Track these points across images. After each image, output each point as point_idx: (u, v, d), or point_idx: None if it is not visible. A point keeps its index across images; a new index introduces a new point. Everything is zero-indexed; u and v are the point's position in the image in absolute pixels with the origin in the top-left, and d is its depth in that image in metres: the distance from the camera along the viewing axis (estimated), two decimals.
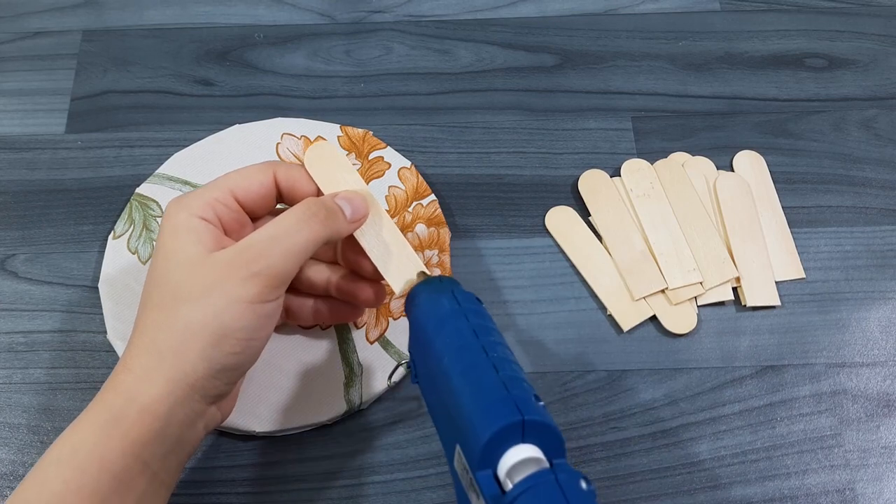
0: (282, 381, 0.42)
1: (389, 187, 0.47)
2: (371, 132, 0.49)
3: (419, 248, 0.45)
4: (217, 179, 0.37)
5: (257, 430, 0.41)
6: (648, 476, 0.42)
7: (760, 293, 0.46)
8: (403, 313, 0.43)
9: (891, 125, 0.52)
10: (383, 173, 0.47)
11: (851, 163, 0.50)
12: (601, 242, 0.47)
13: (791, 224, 0.48)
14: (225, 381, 0.34)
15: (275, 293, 0.34)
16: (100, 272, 0.45)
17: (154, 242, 0.45)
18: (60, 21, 0.55)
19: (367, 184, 0.47)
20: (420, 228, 0.45)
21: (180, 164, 0.47)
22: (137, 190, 0.47)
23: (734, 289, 0.46)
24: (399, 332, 0.43)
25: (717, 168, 0.49)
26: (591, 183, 0.49)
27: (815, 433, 0.43)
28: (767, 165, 0.50)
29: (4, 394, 0.43)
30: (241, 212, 0.37)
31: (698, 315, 0.45)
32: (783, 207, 0.48)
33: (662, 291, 0.45)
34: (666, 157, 0.50)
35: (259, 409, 0.41)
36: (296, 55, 0.54)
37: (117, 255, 0.45)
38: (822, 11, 0.56)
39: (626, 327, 0.45)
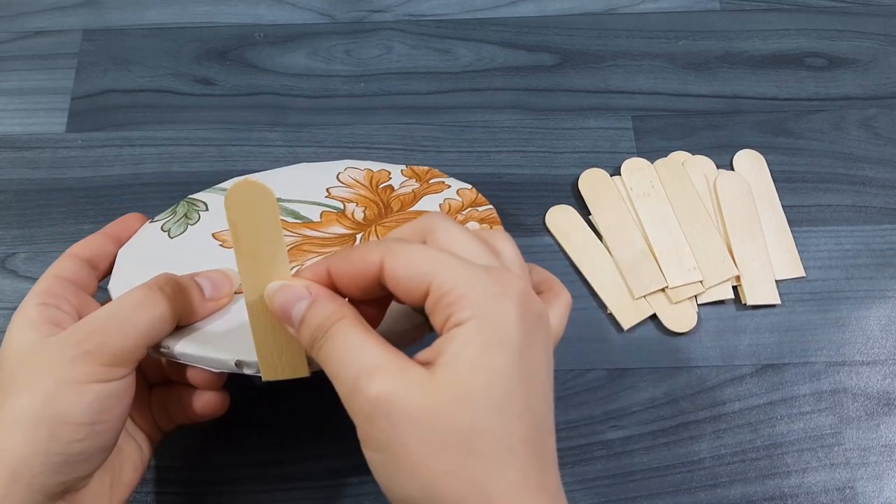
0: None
1: (445, 199, 0.44)
2: (436, 169, 0.46)
3: None
4: (44, 274, 0.35)
5: (234, 359, 0.33)
6: (649, 474, 0.42)
7: (760, 292, 0.46)
8: None
9: (891, 124, 0.52)
10: (441, 191, 0.44)
11: (851, 162, 0.50)
12: (601, 241, 0.47)
13: (791, 223, 0.48)
14: (73, 474, 0.30)
15: (115, 372, 0.30)
16: None
17: (188, 225, 0.43)
18: (61, 20, 0.56)
19: (420, 199, 0.43)
20: (472, 225, 0.42)
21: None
22: (189, 196, 0.45)
23: (734, 287, 0.46)
24: None
25: (718, 167, 0.50)
26: (592, 182, 0.49)
27: (815, 431, 0.43)
28: (767, 164, 0.50)
29: None
30: (78, 290, 0.34)
31: (698, 314, 0.45)
32: (783, 206, 0.48)
33: (662, 290, 0.45)
34: (666, 156, 0.50)
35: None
36: (296, 54, 0.54)
37: (148, 231, 0.42)
38: (822, 11, 0.56)
39: (626, 326, 0.45)
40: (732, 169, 0.50)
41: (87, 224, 0.48)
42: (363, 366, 0.26)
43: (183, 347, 0.33)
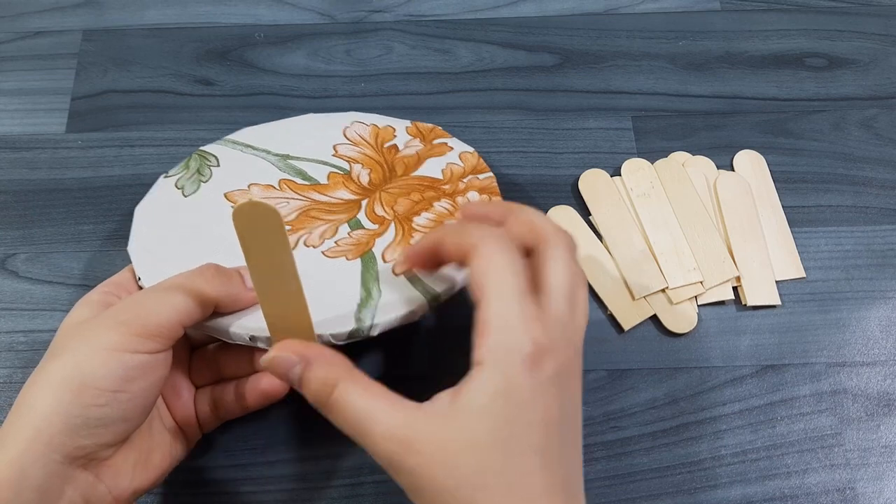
0: None
1: (448, 163, 0.45)
2: (440, 127, 0.47)
3: None
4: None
5: (248, 335, 0.36)
6: (649, 475, 0.42)
7: (760, 292, 0.46)
8: None
9: (891, 125, 0.52)
10: (444, 154, 0.46)
11: (851, 162, 0.50)
12: (601, 242, 0.47)
13: (791, 223, 0.48)
14: (92, 439, 0.31)
15: (145, 344, 0.32)
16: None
17: (201, 183, 0.44)
18: (61, 21, 0.55)
19: (424, 161, 0.45)
20: (472, 195, 0.43)
21: (247, 134, 0.47)
22: (200, 148, 0.46)
23: (734, 288, 0.46)
24: None
25: (718, 167, 0.49)
26: (592, 182, 0.49)
27: (815, 432, 0.43)
28: (768, 165, 0.50)
29: (5, 393, 0.43)
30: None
31: (698, 314, 0.45)
32: (783, 207, 0.48)
33: (663, 291, 0.45)
34: (666, 156, 0.50)
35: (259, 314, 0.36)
36: (296, 55, 0.54)
37: (162, 188, 0.44)
38: (822, 11, 0.56)
39: (626, 326, 0.45)
40: (732, 169, 0.50)
41: (87, 224, 0.48)
42: (374, 430, 0.29)
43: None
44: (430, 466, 0.28)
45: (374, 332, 0.37)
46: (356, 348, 0.38)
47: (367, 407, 0.30)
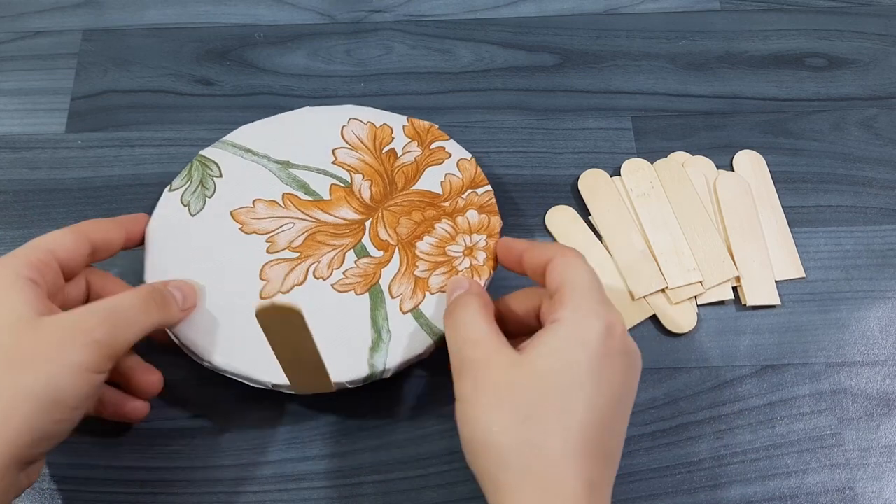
0: None
1: (446, 174, 0.46)
2: (437, 126, 0.47)
3: (468, 232, 0.44)
4: (37, 240, 0.36)
5: (272, 382, 0.39)
6: (648, 475, 0.42)
7: (760, 292, 0.46)
8: (442, 289, 0.42)
9: (891, 125, 0.52)
10: (442, 161, 0.46)
11: (851, 162, 0.50)
12: (601, 242, 0.47)
13: (791, 223, 0.48)
14: (43, 448, 0.33)
15: (108, 365, 0.33)
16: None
17: (206, 199, 0.44)
18: (60, 21, 0.56)
19: (423, 172, 0.46)
20: (471, 214, 0.44)
21: (246, 134, 0.47)
22: (201, 152, 0.46)
23: (734, 288, 0.46)
24: (433, 305, 0.41)
25: (718, 167, 0.49)
26: (591, 182, 0.49)
27: (814, 432, 0.43)
28: (767, 165, 0.50)
29: None
30: (60, 273, 0.37)
31: (698, 314, 0.45)
32: (783, 207, 0.48)
33: (662, 291, 0.45)
34: (666, 156, 0.50)
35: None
36: (296, 55, 0.54)
37: (169, 203, 0.45)
38: (822, 11, 0.56)
39: (626, 326, 0.45)
40: (732, 169, 0.50)
41: None
42: (469, 336, 0.34)
43: (225, 363, 0.39)
44: (492, 387, 0.32)
45: (387, 375, 0.40)
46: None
47: (479, 321, 0.35)
